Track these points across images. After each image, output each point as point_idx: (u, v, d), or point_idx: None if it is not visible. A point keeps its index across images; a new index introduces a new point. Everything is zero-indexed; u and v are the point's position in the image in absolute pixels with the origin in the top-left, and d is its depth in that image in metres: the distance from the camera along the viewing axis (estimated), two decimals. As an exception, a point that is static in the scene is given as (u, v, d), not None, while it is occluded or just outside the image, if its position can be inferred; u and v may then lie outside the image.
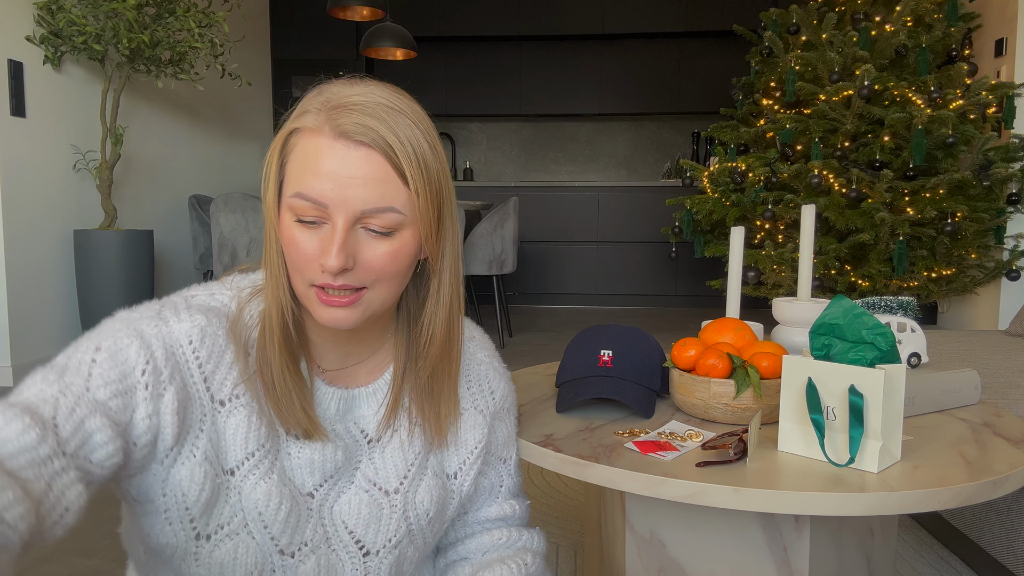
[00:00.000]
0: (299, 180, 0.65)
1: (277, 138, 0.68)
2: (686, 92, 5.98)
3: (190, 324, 0.67)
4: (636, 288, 5.67)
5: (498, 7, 5.86)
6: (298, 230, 0.66)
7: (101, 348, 0.62)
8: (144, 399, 0.62)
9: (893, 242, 3.33)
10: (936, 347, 1.96)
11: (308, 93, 0.69)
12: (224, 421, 0.68)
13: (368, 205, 0.64)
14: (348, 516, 0.75)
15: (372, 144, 0.64)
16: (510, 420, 0.89)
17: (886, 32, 3.50)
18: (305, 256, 0.66)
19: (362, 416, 0.77)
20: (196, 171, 4.68)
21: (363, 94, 0.66)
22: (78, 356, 0.62)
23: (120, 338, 0.63)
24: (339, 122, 0.63)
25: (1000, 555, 1.29)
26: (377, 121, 0.64)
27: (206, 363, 0.67)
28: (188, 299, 0.70)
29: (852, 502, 0.75)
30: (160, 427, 0.64)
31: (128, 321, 0.65)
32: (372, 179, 0.64)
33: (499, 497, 0.89)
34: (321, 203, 0.64)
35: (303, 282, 0.67)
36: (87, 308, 3.31)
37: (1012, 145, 3.40)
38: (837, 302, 0.86)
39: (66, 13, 3.07)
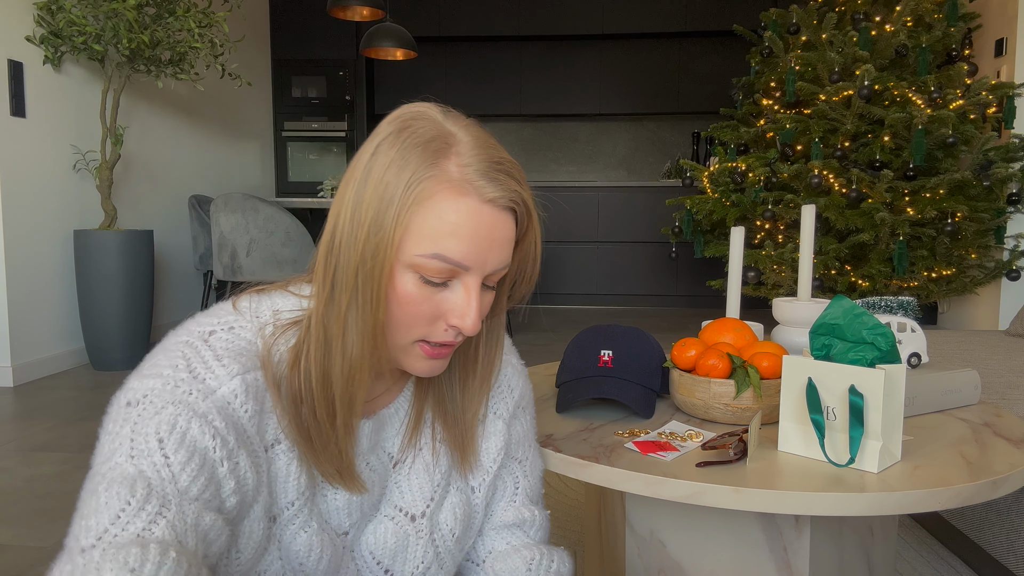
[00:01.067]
0: (436, 240, 0.60)
1: (395, 187, 0.60)
2: (686, 92, 5.98)
3: (228, 380, 0.60)
4: (636, 288, 5.67)
5: (498, 7, 5.86)
6: (420, 289, 0.62)
7: (164, 440, 0.55)
8: (225, 476, 0.58)
9: (893, 242, 3.32)
10: (936, 347, 1.96)
11: (408, 132, 0.62)
12: (274, 465, 0.64)
13: (500, 266, 0.64)
14: (375, 547, 0.73)
15: (513, 207, 0.64)
16: (526, 418, 0.85)
17: (886, 32, 3.50)
18: (426, 315, 0.63)
19: (386, 438, 0.74)
20: (196, 171, 4.68)
21: (482, 145, 0.64)
22: (146, 459, 0.54)
23: (177, 421, 0.56)
24: (484, 188, 0.61)
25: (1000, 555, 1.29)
26: (514, 181, 0.63)
27: (255, 415, 0.62)
28: (208, 340, 0.63)
29: (852, 502, 0.75)
30: (243, 495, 0.60)
31: (169, 395, 0.58)
32: (506, 241, 0.64)
33: (515, 500, 0.83)
34: (463, 266, 0.62)
35: (410, 339, 0.65)
36: (87, 308, 3.31)
37: (1012, 145, 3.40)
38: (837, 302, 0.86)
39: (66, 13, 3.07)
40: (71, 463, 2.17)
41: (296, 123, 5.90)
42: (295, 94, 5.89)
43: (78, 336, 3.50)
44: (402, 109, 0.66)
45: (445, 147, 0.62)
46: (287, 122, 5.91)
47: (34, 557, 1.59)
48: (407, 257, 0.61)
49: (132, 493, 0.52)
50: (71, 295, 3.46)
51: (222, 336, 0.63)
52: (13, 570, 1.53)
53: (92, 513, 0.52)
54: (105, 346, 3.34)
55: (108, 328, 3.32)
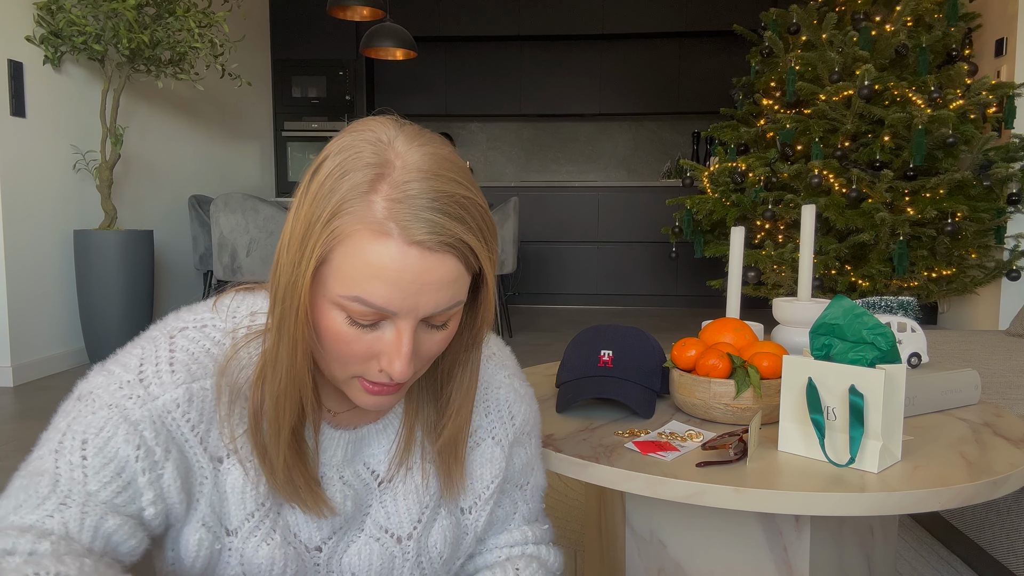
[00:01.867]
0: (358, 283, 0.56)
1: (317, 220, 0.56)
2: (686, 92, 5.98)
3: (173, 389, 0.60)
4: (636, 288, 5.67)
5: (498, 7, 5.86)
6: (350, 329, 0.58)
7: (87, 442, 0.57)
8: (145, 485, 0.58)
9: (893, 242, 3.32)
10: (936, 347, 1.96)
11: (341, 145, 0.59)
12: (224, 479, 0.63)
13: (439, 308, 0.59)
14: (358, 568, 0.70)
15: (450, 249, 0.57)
16: (531, 445, 0.80)
17: (886, 32, 3.50)
18: (358, 355, 0.60)
19: (372, 455, 0.71)
20: (196, 171, 4.69)
21: (420, 173, 0.56)
22: (66, 456, 0.57)
23: (104, 427, 0.58)
24: (411, 228, 0.55)
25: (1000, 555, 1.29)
26: (452, 221, 0.56)
27: (198, 424, 0.61)
28: (172, 343, 0.62)
29: (852, 502, 0.75)
30: (168, 505, 0.61)
31: (108, 399, 0.59)
32: (445, 283, 0.58)
33: (511, 525, 0.81)
34: (388, 311, 0.57)
35: (346, 374, 0.62)
36: (87, 308, 3.31)
37: (1012, 145, 3.40)
38: (837, 302, 0.86)
39: (66, 13, 3.07)
40: (71, 463, 2.17)
41: (296, 123, 5.90)
42: (295, 94, 5.89)
43: (78, 336, 3.50)
44: (354, 125, 0.61)
45: (378, 176, 0.56)
46: (287, 122, 5.91)
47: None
48: (332, 296, 0.58)
49: (37, 488, 0.56)
50: (71, 295, 3.46)
51: (190, 335, 0.63)
52: None
53: (5, 497, 0.57)
54: (105, 346, 3.34)
55: (108, 328, 3.32)
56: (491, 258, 0.61)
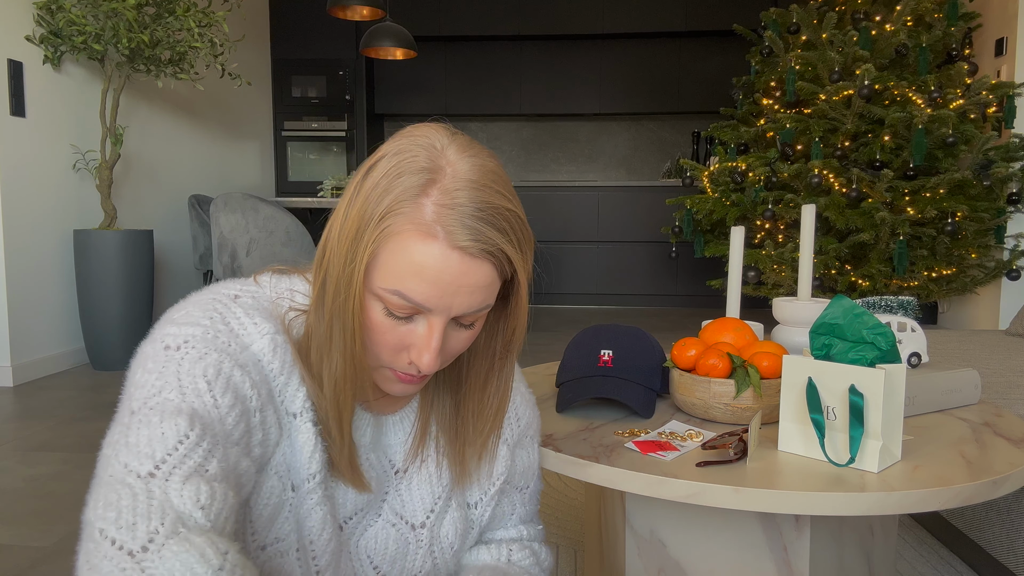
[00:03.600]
0: (401, 278, 0.60)
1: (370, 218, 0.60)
2: (686, 92, 5.97)
3: (260, 338, 0.62)
4: (636, 288, 5.67)
5: (498, 7, 5.86)
6: (386, 319, 0.62)
7: (211, 383, 0.57)
8: (256, 426, 0.61)
9: (893, 242, 3.32)
10: (936, 347, 1.95)
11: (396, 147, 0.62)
12: (295, 435, 0.65)
13: (471, 309, 0.63)
14: (374, 551, 0.73)
15: (489, 257, 0.61)
16: (532, 447, 0.85)
17: (886, 32, 3.50)
18: (390, 345, 0.64)
19: (390, 445, 0.74)
20: (196, 171, 4.68)
21: (470, 184, 0.60)
22: (198, 398, 0.56)
23: (222, 367, 0.59)
24: (455, 233, 0.58)
25: (1000, 555, 1.29)
26: (495, 231, 0.60)
27: (279, 375, 0.63)
28: (236, 300, 0.65)
29: (852, 502, 0.75)
30: (267, 448, 0.63)
31: (211, 343, 0.60)
32: (480, 287, 0.61)
33: (507, 523, 0.85)
34: (425, 307, 0.61)
35: (377, 362, 0.66)
36: (87, 308, 3.31)
37: (1012, 145, 3.40)
38: (837, 302, 0.86)
39: (66, 13, 3.07)
40: (71, 463, 2.17)
41: (296, 123, 5.90)
42: (295, 94, 5.89)
43: (78, 336, 3.50)
44: (409, 129, 0.64)
45: (430, 182, 0.59)
46: (287, 122, 5.91)
47: (34, 557, 1.59)
48: (374, 287, 0.61)
49: (191, 426, 0.53)
50: (71, 295, 3.46)
51: (247, 300, 0.65)
52: (13, 570, 1.53)
53: (147, 441, 0.52)
54: (105, 346, 3.34)
55: (108, 328, 3.32)
56: (526, 267, 0.64)
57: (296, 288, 0.69)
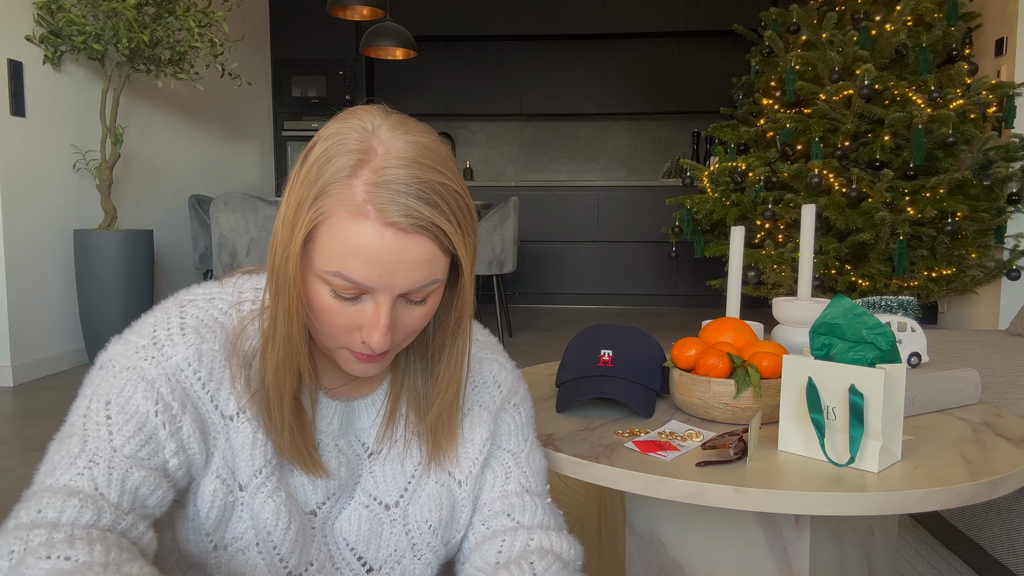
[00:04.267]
0: (339, 259, 0.61)
1: (303, 196, 0.61)
2: (686, 92, 5.97)
3: (184, 349, 0.65)
4: (636, 288, 5.67)
5: (498, 7, 5.86)
6: (334, 302, 0.63)
7: (111, 403, 0.63)
8: (166, 438, 0.63)
9: (893, 242, 3.32)
10: (936, 347, 1.95)
11: (328, 133, 0.63)
12: (235, 436, 0.67)
13: (415, 285, 0.63)
14: (348, 533, 0.74)
15: (424, 232, 0.61)
16: (520, 413, 0.83)
17: (886, 31, 3.50)
18: (342, 326, 0.64)
19: (362, 428, 0.75)
20: (196, 171, 4.68)
21: (401, 160, 0.60)
22: (92, 418, 0.62)
23: (124, 387, 0.64)
24: (387, 210, 0.59)
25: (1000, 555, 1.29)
26: (427, 205, 0.60)
27: (208, 382, 0.66)
28: (183, 311, 0.68)
29: (852, 502, 0.75)
30: (189, 456, 0.65)
31: (126, 363, 0.65)
32: (420, 262, 0.62)
33: (506, 489, 0.79)
34: (366, 286, 0.62)
35: (334, 344, 0.66)
36: (87, 308, 3.31)
37: (1012, 144, 3.40)
38: (837, 302, 0.86)
39: (66, 13, 3.07)
40: (71, 463, 2.17)
41: (296, 123, 5.90)
42: (295, 94, 5.89)
43: (78, 336, 3.50)
44: (342, 113, 0.65)
45: (360, 162, 0.60)
46: (287, 122, 5.91)
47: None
48: (317, 270, 0.63)
49: (68, 450, 0.61)
50: (71, 295, 3.46)
51: (199, 304, 0.69)
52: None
53: (43, 464, 0.62)
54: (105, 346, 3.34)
55: (108, 328, 3.31)
56: (466, 243, 0.65)
57: (262, 287, 0.71)
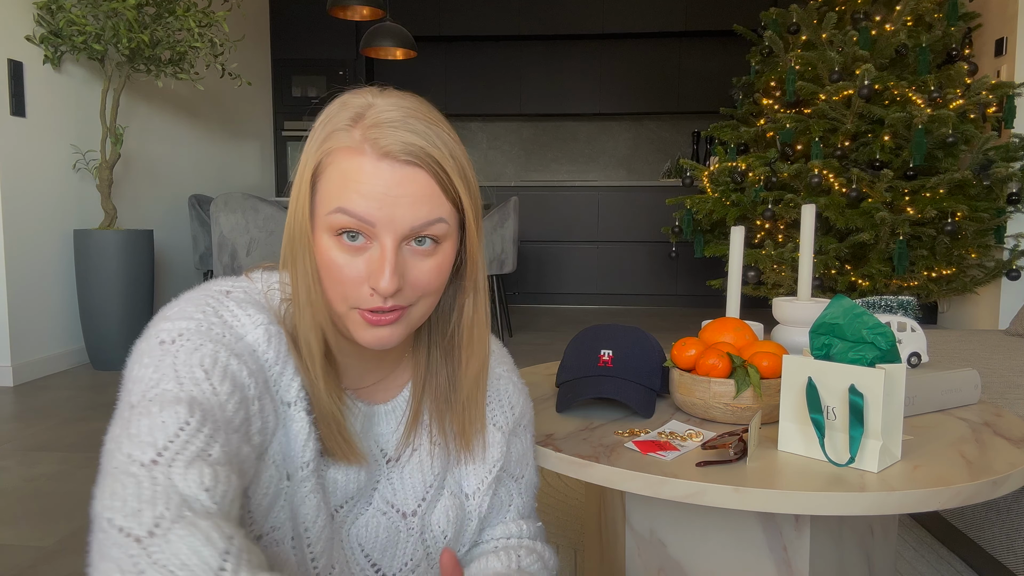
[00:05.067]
0: (340, 197, 0.62)
1: (307, 157, 0.65)
2: (686, 92, 5.97)
3: (254, 330, 0.64)
4: (636, 288, 5.67)
5: (498, 7, 5.86)
6: (341, 253, 0.63)
7: (209, 372, 0.58)
8: (255, 414, 0.61)
9: (893, 242, 3.32)
10: (936, 347, 1.95)
11: (329, 107, 0.67)
12: (289, 425, 0.66)
13: (417, 222, 0.63)
14: (365, 539, 0.74)
15: (418, 162, 0.62)
16: (526, 437, 0.86)
17: (886, 32, 3.50)
18: (350, 279, 0.64)
19: (381, 434, 0.75)
20: (196, 171, 4.68)
21: (395, 107, 0.64)
22: (196, 387, 0.56)
23: (218, 356, 0.60)
24: (381, 142, 0.62)
25: (1000, 555, 1.29)
26: (419, 137, 0.63)
27: (274, 365, 0.65)
28: (228, 294, 0.66)
29: (852, 502, 0.75)
30: (265, 437, 0.63)
31: (205, 335, 0.61)
32: (420, 196, 0.63)
33: (506, 517, 0.84)
34: (368, 221, 0.62)
35: (345, 305, 0.65)
36: (87, 308, 3.31)
37: (1012, 145, 3.40)
38: (837, 302, 0.86)
39: (66, 13, 3.07)
40: (71, 463, 2.17)
41: (296, 123, 5.89)
42: (295, 94, 5.89)
43: (78, 336, 3.50)
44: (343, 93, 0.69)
45: (358, 115, 0.64)
46: (287, 122, 5.91)
47: (34, 557, 1.59)
48: (321, 220, 0.64)
49: (191, 413, 0.54)
50: (71, 295, 3.46)
51: (239, 294, 0.67)
52: (13, 570, 1.53)
53: (147, 431, 0.52)
54: (105, 346, 3.34)
55: (108, 328, 3.32)
56: (464, 179, 0.66)
57: (286, 281, 0.71)
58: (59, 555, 1.60)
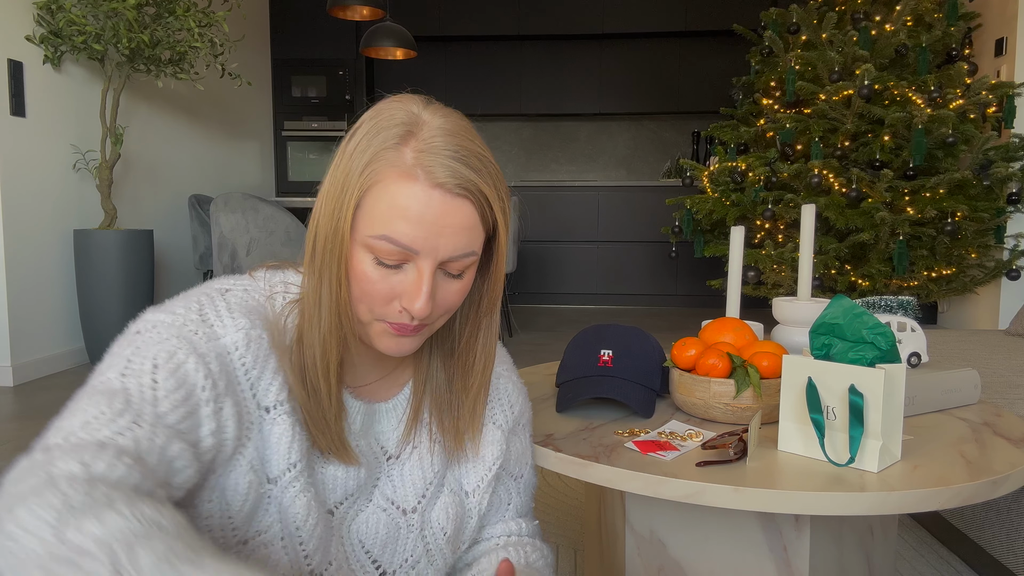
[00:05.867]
0: (386, 222, 0.62)
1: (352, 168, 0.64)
2: (686, 92, 5.97)
3: (234, 332, 0.64)
4: (636, 288, 5.67)
5: (498, 7, 5.86)
6: (376, 269, 0.64)
7: (159, 367, 0.59)
8: (207, 416, 0.61)
9: (893, 242, 3.32)
10: (936, 347, 1.95)
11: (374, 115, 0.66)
12: (269, 428, 0.66)
13: (457, 252, 0.65)
14: (365, 536, 0.74)
15: (468, 195, 0.64)
16: (525, 436, 0.87)
17: (886, 32, 3.50)
18: (381, 295, 0.65)
19: (382, 432, 0.76)
20: (196, 171, 4.68)
21: (447, 133, 0.65)
22: (135, 379, 0.58)
23: (176, 353, 0.60)
24: (435, 171, 0.62)
25: (1000, 555, 1.29)
26: (471, 171, 0.64)
27: (251, 369, 0.65)
28: (225, 295, 0.67)
29: (852, 502, 0.75)
30: (222, 440, 0.63)
31: (176, 330, 0.62)
32: (463, 228, 0.64)
33: (505, 515, 0.86)
34: (412, 249, 0.63)
35: (371, 316, 0.67)
36: (87, 308, 3.31)
37: (1012, 145, 3.40)
38: (837, 302, 0.86)
39: (66, 13, 3.07)
40: (71, 463, 2.17)
41: (296, 123, 5.89)
42: (295, 94, 5.89)
43: (78, 336, 3.50)
44: (386, 99, 0.69)
45: (409, 133, 0.64)
46: (287, 122, 5.91)
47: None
48: (361, 238, 0.64)
49: (109, 404, 0.55)
50: (71, 295, 3.46)
51: (237, 294, 0.68)
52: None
53: (68, 418, 0.55)
54: (105, 346, 3.33)
55: (108, 328, 3.32)
56: (504, 212, 0.68)
57: (289, 280, 0.72)
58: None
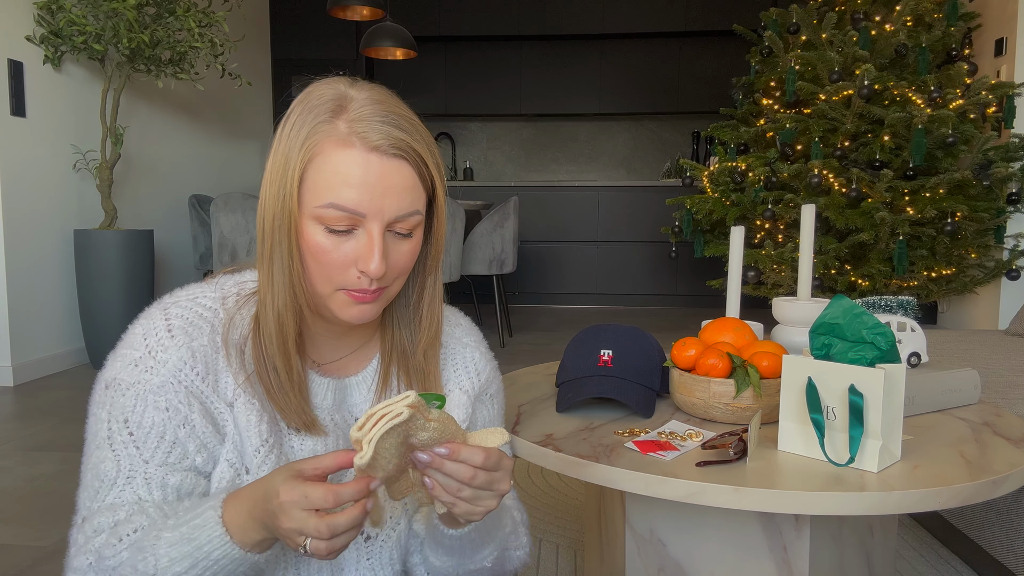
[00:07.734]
0: (331, 190, 0.66)
1: (291, 147, 0.68)
2: (686, 92, 5.97)
3: (177, 351, 0.70)
4: (636, 288, 5.67)
5: (498, 7, 5.86)
6: (328, 239, 0.68)
7: (128, 420, 0.69)
8: (186, 438, 0.69)
9: (893, 242, 3.32)
10: (936, 347, 1.96)
11: (304, 98, 0.70)
12: (238, 417, 0.72)
13: (401, 212, 0.69)
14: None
15: (404, 155, 0.68)
16: (494, 407, 0.89)
17: (886, 32, 3.50)
18: (338, 262, 0.68)
19: (355, 404, 0.80)
20: (196, 171, 4.68)
21: (375, 101, 0.69)
22: (117, 439, 0.69)
23: (136, 405, 0.69)
24: (369, 136, 0.66)
25: (1000, 555, 1.29)
26: (403, 132, 0.68)
27: (207, 375, 0.71)
28: (167, 314, 0.73)
29: (852, 502, 0.75)
30: (211, 449, 0.71)
31: (130, 379, 0.70)
32: (404, 188, 0.68)
33: None
34: (358, 212, 0.67)
35: (331, 287, 0.70)
36: (87, 308, 3.31)
37: (1012, 145, 3.40)
38: (837, 302, 0.86)
39: (66, 13, 3.07)
40: (71, 463, 2.17)
41: (296, 123, 5.89)
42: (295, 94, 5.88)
43: (78, 336, 3.50)
44: (314, 82, 0.73)
45: (340, 107, 0.68)
46: (287, 122, 5.90)
47: (34, 557, 1.59)
48: (309, 210, 0.68)
49: (105, 474, 0.69)
50: (71, 295, 3.46)
51: (183, 305, 0.74)
52: (13, 570, 1.53)
53: (81, 492, 0.71)
54: (105, 346, 3.33)
55: (108, 328, 3.31)
56: (440, 172, 0.73)
57: (246, 280, 0.77)
58: (59, 555, 1.60)
